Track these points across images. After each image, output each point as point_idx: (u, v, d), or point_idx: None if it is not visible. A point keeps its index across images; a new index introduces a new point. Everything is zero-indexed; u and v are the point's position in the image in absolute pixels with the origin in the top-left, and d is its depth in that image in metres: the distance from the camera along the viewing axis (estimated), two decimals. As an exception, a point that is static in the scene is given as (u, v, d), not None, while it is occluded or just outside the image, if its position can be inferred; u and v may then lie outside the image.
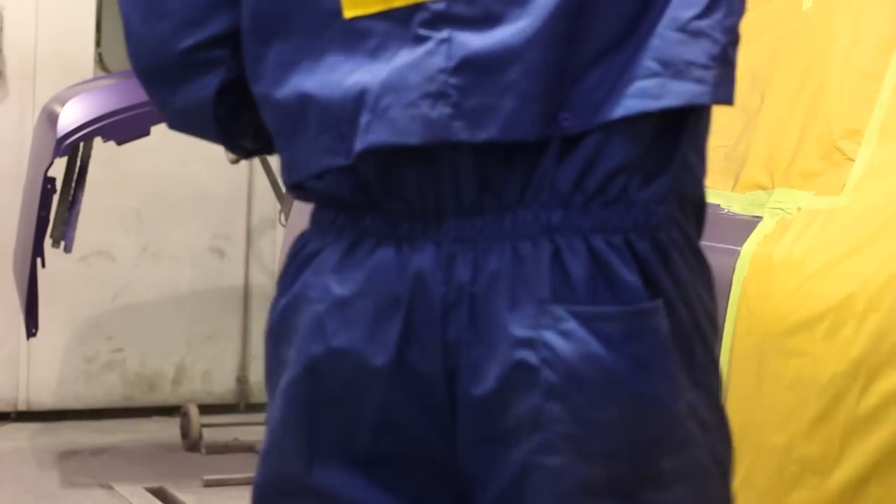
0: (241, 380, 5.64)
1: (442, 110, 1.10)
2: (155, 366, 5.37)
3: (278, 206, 4.93)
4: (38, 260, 3.50)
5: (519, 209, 1.12)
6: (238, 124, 1.25)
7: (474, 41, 1.10)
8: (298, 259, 1.20)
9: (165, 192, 5.20)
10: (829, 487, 1.64)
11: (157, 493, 4.17)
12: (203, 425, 4.86)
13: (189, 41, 1.21)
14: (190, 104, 1.24)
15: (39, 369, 4.58)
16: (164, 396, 5.34)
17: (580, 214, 1.11)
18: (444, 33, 1.11)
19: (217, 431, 4.98)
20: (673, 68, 1.13)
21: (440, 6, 1.11)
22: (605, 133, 1.11)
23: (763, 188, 1.88)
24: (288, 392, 1.18)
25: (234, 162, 5.04)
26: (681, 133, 1.15)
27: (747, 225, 1.85)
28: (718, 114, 1.49)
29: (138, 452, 4.54)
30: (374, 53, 1.12)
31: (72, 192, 3.58)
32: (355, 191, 1.16)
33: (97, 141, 3.59)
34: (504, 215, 1.12)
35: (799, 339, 1.70)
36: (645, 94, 1.11)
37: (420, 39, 1.11)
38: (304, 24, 1.14)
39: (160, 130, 2.75)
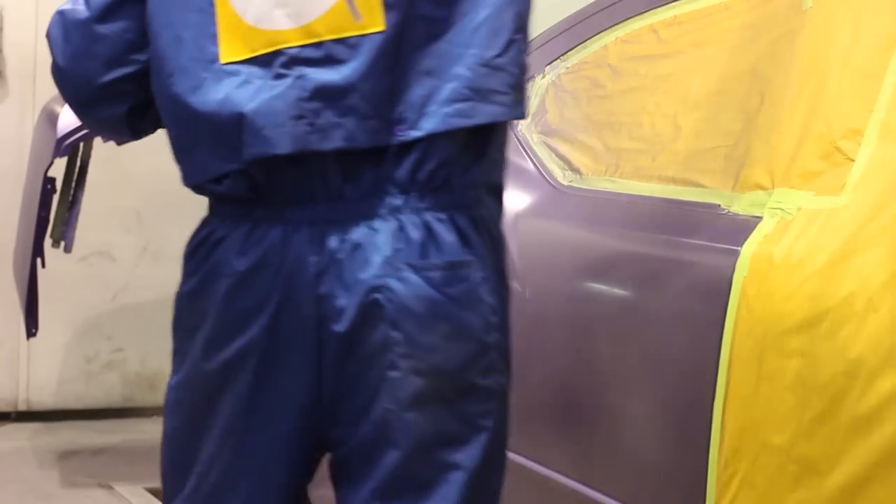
0: (241, 380, 5.62)
1: (302, 128, 1.50)
2: (155, 366, 5.36)
3: (278, 206, 4.92)
4: (38, 260, 3.50)
5: (373, 197, 1.52)
6: (144, 125, 1.70)
7: (321, 76, 1.50)
8: (208, 243, 1.60)
9: (165, 192, 5.19)
10: (829, 487, 1.64)
11: (158, 493, 4.17)
12: (203, 425, 4.85)
13: (109, 77, 1.62)
14: (107, 119, 1.68)
15: (39, 369, 4.58)
16: (165, 396, 5.35)
17: (416, 199, 1.52)
18: (298, 71, 1.51)
19: (217, 431, 4.98)
20: (481, 95, 1.51)
21: (294, 52, 1.52)
22: (429, 141, 1.51)
23: (763, 188, 1.88)
24: (209, 339, 1.57)
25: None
26: (488, 138, 1.56)
27: (747, 225, 1.85)
28: (719, 114, 1.68)
29: (138, 452, 4.53)
30: (241, 86, 1.52)
31: (72, 192, 3.58)
32: (250, 189, 1.55)
33: (97, 141, 3.59)
34: (361, 202, 1.52)
35: (799, 339, 1.70)
36: (461, 113, 1.51)
37: (280, 76, 1.52)
38: (191, 67, 1.54)
39: (160, 130, 2.75)
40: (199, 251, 1.62)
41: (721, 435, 1.80)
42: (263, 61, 1.52)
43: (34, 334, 3.65)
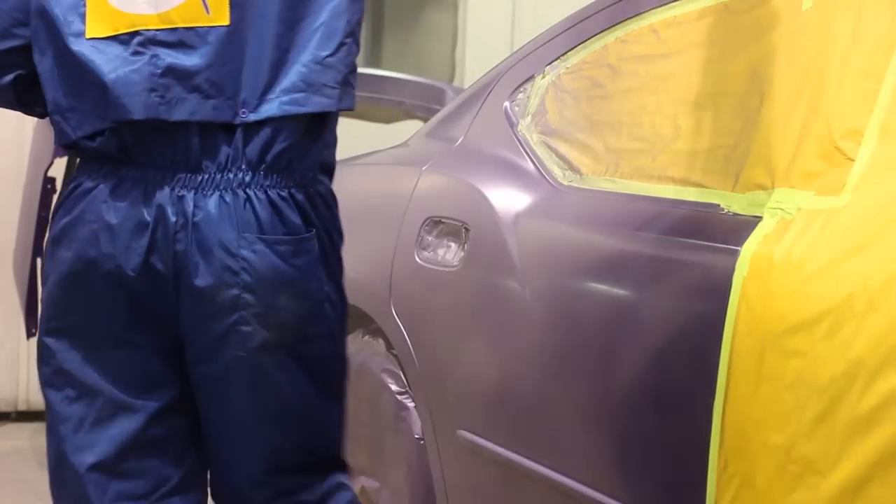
0: (241, 380, 5.61)
1: (154, 99, 1.77)
2: (155, 366, 5.32)
3: (278, 206, 4.92)
4: (38, 260, 3.50)
5: (226, 171, 1.77)
6: (31, 98, 1.89)
7: (173, 58, 1.77)
8: (77, 192, 1.82)
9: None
10: (829, 487, 1.64)
11: (157, 493, 4.16)
12: (203, 425, 4.85)
13: None
14: None
15: (39, 369, 4.56)
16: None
17: (262, 177, 1.78)
18: (153, 51, 1.78)
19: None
20: (313, 88, 1.80)
21: (151, 34, 1.78)
22: (276, 125, 1.79)
23: (763, 188, 1.88)
24: (68, 280, 1.82)
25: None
26: (322, 126, 1.84)
27: (747, 225, 1.85)
28: (718, 114, 1.73)
29: (138, 452, 4.50)
30: (105, 59, 1.77)
31: (72, 192, 3.58)
32: (119, 149, 1.79)
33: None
34: (216, 174, 1.77)
35: (799, 339, 1.70)
36: (296, 102, 1.79)
37: (138, 54, 1.78)
38: (63, 40, 1.78)
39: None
40: (67, 202, 1.84)
41: (721, 435, 1.80)
42: (123, 40, 1.79)
43: (34, 334, 3.65)
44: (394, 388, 2.66)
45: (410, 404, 2.62)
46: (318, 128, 1.83)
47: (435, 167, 2.72)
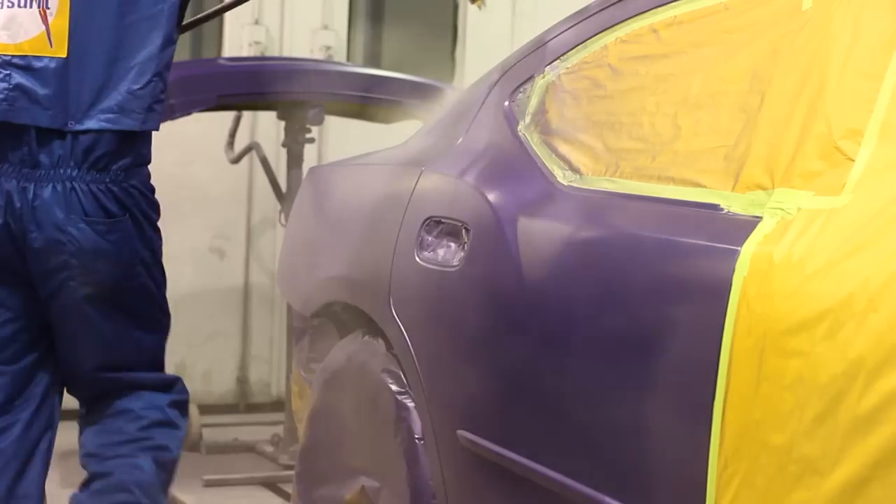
0: (241, 380, 5.63)
1: (4, 107, 2.44)
2: (155, 366, 5.32)
3: (278, 206, 4.93)
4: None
5: (58, 168, 2.43)
6: None
7: (22, 78, 2.43)
8: None
9: (165, 192, 5.18)
10: (829, 487, 1.64)
11: (157, 492, 4.16)
12: (203, 425, 4.86)
13: None
14: None
15: (39, 369, 4.57)
16: (164, 396, 5.33)
17: (86, 174, 2.45)
18: (8, 70, 2.45)
19: (217, 431, 4.98)
20: (125, 112, 2.47)
21: (7, 58, 2.46)
22: (96, 136, 2.45)
23: (763, 188, 1.88)
24: None
25: (235, 162, 5.04)
26: (134, 140, 2.51)
27: (747, 225, 1.85)
28: (718, 114, 1.73)
29: (138, 452, 4.51)
30: None
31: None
32: None
33: (97, 141, 3.59)
34: (50, 170, 2.43)
35: (799, 339, 1.70)
36: (110, 121, 2.46)
37: None
38: None
39: (160, 130, 2.75)
40: None
41: (721, 435, 1.80)
42: None
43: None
44: (394, 388, 2.66)
45: (410, 404, 2.62)
46: (130, 141, 2.50)
47: (435, 167, 2.72)
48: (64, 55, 2.42)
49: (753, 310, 1.77)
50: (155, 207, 2.59)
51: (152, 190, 2.58)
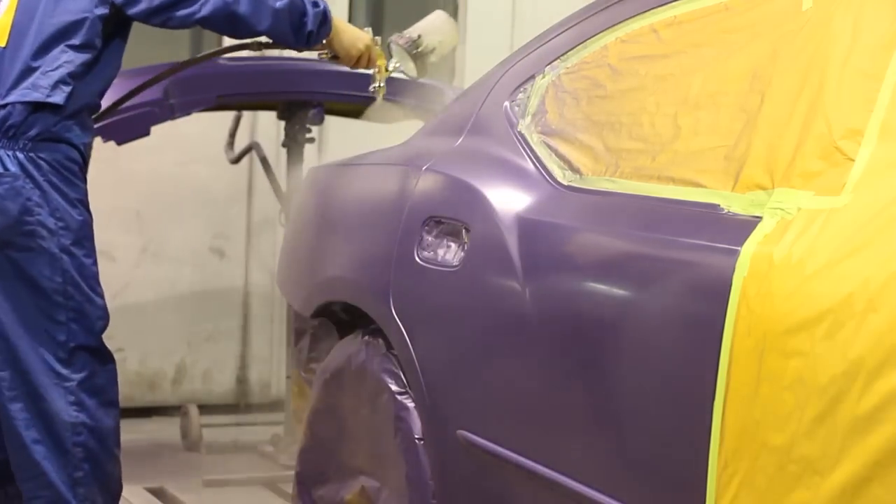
0: (241, 380, 5.63)
1: None
2: (155, 366, 5.35)
3: (278, 206, 4.93)
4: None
5: None
6: None
7: None
8: None
9: (165, 192, 5.20)
10: (829, 487, 1.64)
11: (157, 493, 4.17)
12: (203, 425, 4.86)
13: None
14: None
15: (39, 369, 4.57)
16: (164, 396, 5.34)
17: (3, 140, 2.87)
18: None
19: (217, 431, 4.98)
20: (35, 88, 2.89)
21: None
22: (11, 107, 2.89)
23: (763, 188, 1.88)
24: None
25: (234, 162, 5.04)
26: (45, 114, 2.89)
27: (747, 225, 1.85)
28: (718, 114, 1.71)
29: (138, 452, 4.53)
30: None
31: (71, 191, 3.59)
32: None
33: (97, 141, 3.59)
34: None
35: (799, 339, 1.70)
36: (23, 95, 2.88)
37: None
38: None
39: (160, 130, 2.75)
40: None
41: (721, 435, 1.80)
42: None
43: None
44: (394, 388, 2.66)
45: (410, 404, 2.62)
46: (40, 115, 2.88)
47: (435, 167, 2.72)
48: (3, 43, 2.93)
49: (753, 310, 1.77)
50: (70, 184, 2.92)
51: (74, 168, 2.93)
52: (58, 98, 2.89)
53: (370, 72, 3.42)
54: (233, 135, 4.99)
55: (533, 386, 2.26)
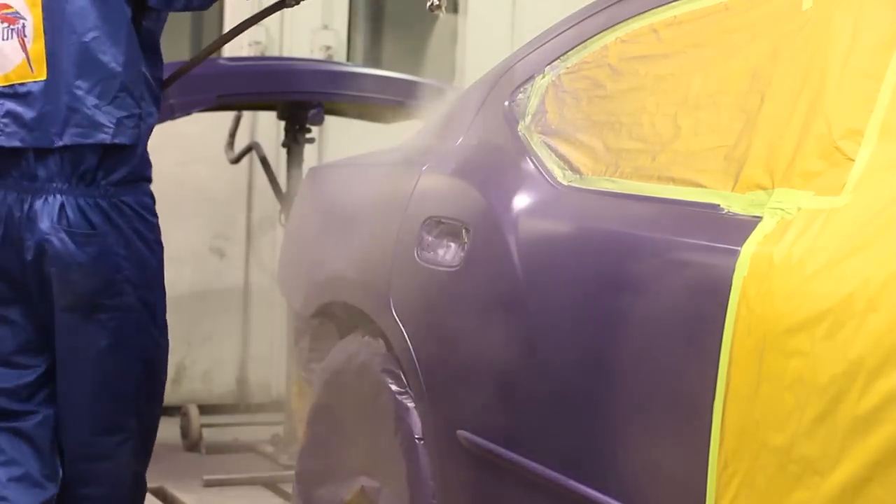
0: (241, 380, 5.63)
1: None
2: (155, 366, 5.31)
3: (278, 206, 4.93)
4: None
5: (50, 182, 2.52)
6: None
7: (11, 105, 2.53)
8: None
9: (165, 192, 5.18)
10: (829, 487, 1.64)
11: (157, 493, 4.17)
12: (203, 425, 4.86)
13: None
14: None
15: (39, 369, 4.57)
16: (164, 396, 5.34)
17: (75, 187, 2.52)
18: (0, 102, 2.54)
19: (217, 431, 4.98)
20: (95, 126, 2.53)
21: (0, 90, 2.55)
22: (78, 152, 2.52)
23: (763, 188, 1.88)
24: None
25: (234, 162, 5.04)
26: (121, 154, 2.56)
27: (747, 225, 1.85)
28: (719, 114, 1.74)
29: (138, 452, 4.49)
30: None
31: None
32: None
33: (97, 141, 3.59)
34: (44, 183, 2.52)
35: (799, 339, 1.70)
36: (82, 135, 2.52)
37: None
38: None
39: (160, 130, 2.75)
40: None
41: (721, 435, 1.80)
42: None
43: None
44: (394, 388, 2.66)
45: (410, 404, 2.62)
46: (116, 156, 2.55)
47: (435, 167, 2.72)
48: (44, 77, 2.55)
49: (753, 310, 1.77)
50: (151, 228, 2.62)
51: (151, 209, 2.63)
52: (126, 138, 2.55)
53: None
54: (233, 135, 4.99)
55: (533, 386, 2.26)
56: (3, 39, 2.56)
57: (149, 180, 2.65)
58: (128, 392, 2.62)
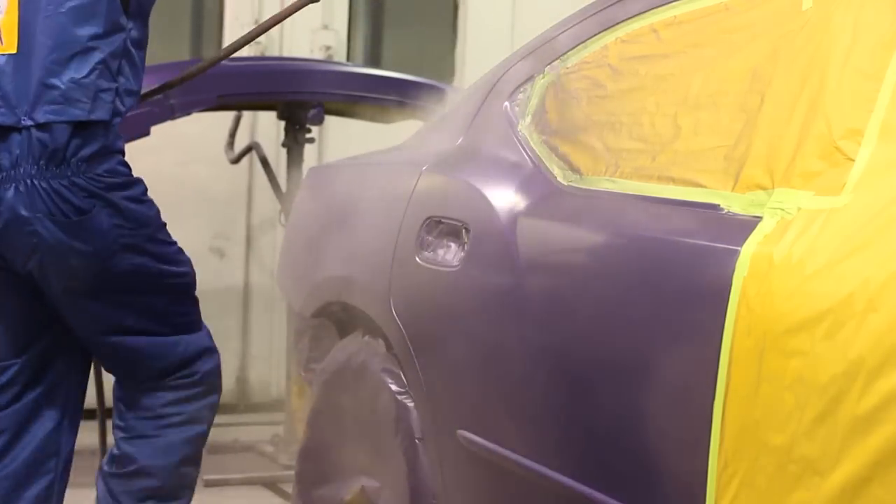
0: (241, 380, 5.63)
1: None
2: (155, 366, 5.30)
3: (278, 206, 4.93)
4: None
5: (18, 167, 2.36)
6: None
7: None
8: None
9: (165, 192, 5.17)
10: (829, 487, 1.64)
11: (158, 493, 4.16)
12: (203, 425, 4.84)
13: None
14: None
15: (39, 369, 4.57)
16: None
17: (44, 170, 2.35)
18: None
19: (217, 431, 4.97)
20: (69, 101, 2.36)
21: None
22: (48, 130, 2.35)
23: (763, 188, 1.88)
24: None
25: (234, 162, 5.04)
26: (93, 130, 2.39)
27: (747, 225, 1.85)
28: (719, 114, 1.74)
29: (138, 452, 4.49)
30: None
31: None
32: None
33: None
34: (10, 170, 2.36)
35: (799, 339, 1.70)
36: (55, 112, 2.36)
37: None
38: None
39: (160, 130, 2.75)
40: None
41: (721, 435, 1.80)
42: None
43: None
44: (394, 388, 2.66)
45: (410, 404, 2.62)
46: (87, 132, 2.38)
47: (435, 167, 2.72)
48: (14, 50, 2.38)
49: (753, 310, 1.77)
50: (131, 184, 2.49)
51: (127, 173, 2.49)
52: (103, 113, 2.40)
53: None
54: (233, 135, 4.99)
55: (533, 386, 2.26)
56: None
57: (121, 152, 2.49)
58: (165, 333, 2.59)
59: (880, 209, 1.69)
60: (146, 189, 2.52)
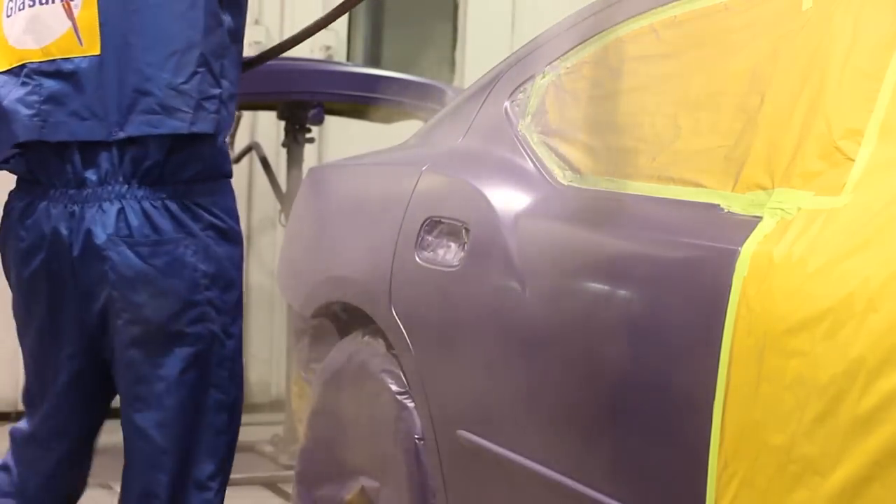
0: (241, 380, 5.61)
1: (36, 123, 2.05)
2: (155, 366, 5.30)
3: (278, 206, 4.93)
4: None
5: (105, 185, 2.03)
6: None
7: (53, 87, 2.04)
8: (6, 212, 2.15)
9: (165, 192, 5.19)
10: (829, 487, 1.64)
11: (158, 493, 4.15)
12: (203, 425, 4.84)
13: None
14: None
15: (39, 369, 4.57)
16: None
17: (137, 189, 2.03)
18: (37, 80, 2.05)
19: (217, 431, 4.97)
20: (168, 111, 2.01)
21: (35, 65, 2.06)
22: (143, 143, 2.01)
23: (763, 188, 1.88)
24: (22, 285, 2.15)
25: (235, 162, 5.04)
26: (193, 146, 2.05)
27: (747, 225, 1.85)
28: (718, 114, 1.75)
29: (138, 452, 4.49)
30: (5, 91, 2.07)
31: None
32: (28, 170, 2.10)
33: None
34: (97, 188, 2.03)
35: (799, 339, 1.70)
36: (151, 124, 2.01)
37: (25, 84, 2.07)
38: None
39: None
40: (3, 217, 2.18)
41: (721, 435, 1.80)
42: (15, 72, 2.08)
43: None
44: (394, 388, 2.67)
45: (410, 404, 2.62)
46: (188, 147, 2.05)
47: (435, 167, 2.72)
48: (97, 52, 2.02)
49: (753, 310, 1.77)
50: (235, 238, 2.14)
51: (232, 212, 2.15)
52: (206, 125, 2.04)
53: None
54: (233, 135, 4.99)
55: (533, 386, 2.26)
56: (41, 3, 2.05)
57: (228, 176, 2.16)
58: (213, 444, 2.29)
59: (880, 209, 1.69)
60: (242, 250, 2.18)
